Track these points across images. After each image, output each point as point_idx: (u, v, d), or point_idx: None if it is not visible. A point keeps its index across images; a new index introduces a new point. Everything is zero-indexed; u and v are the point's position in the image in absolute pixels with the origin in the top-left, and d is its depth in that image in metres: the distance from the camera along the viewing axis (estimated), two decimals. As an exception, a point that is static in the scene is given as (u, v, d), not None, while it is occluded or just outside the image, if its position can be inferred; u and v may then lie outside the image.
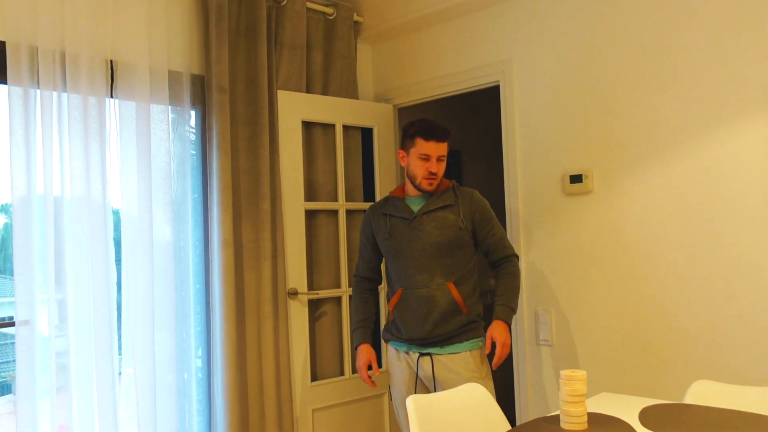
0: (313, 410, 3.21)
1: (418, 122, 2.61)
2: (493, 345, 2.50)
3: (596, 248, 2.88)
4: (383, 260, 2.80)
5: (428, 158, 2.56)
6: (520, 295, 3.10)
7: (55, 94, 2.49)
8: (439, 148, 2.56)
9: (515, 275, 2.61)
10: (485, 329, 2.62)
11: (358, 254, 2.85)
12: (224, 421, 2.86)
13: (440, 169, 2.59)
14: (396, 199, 2.68)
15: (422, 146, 2.55)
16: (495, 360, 2.46)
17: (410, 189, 2.67)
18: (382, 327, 3.54)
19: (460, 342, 2.55)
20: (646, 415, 1.88)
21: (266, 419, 3.01)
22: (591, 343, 2.90)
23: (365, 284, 2.83)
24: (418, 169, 2.57)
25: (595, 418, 1.85)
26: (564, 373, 1.67)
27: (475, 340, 2.58)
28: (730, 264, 2.50)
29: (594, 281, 2.89)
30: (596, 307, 2.88)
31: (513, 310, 2.55)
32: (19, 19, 2.42)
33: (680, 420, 1.80)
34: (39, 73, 2.44)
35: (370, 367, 2.74)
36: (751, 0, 2.44)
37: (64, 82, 2.52)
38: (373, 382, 2.73)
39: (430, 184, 2.58)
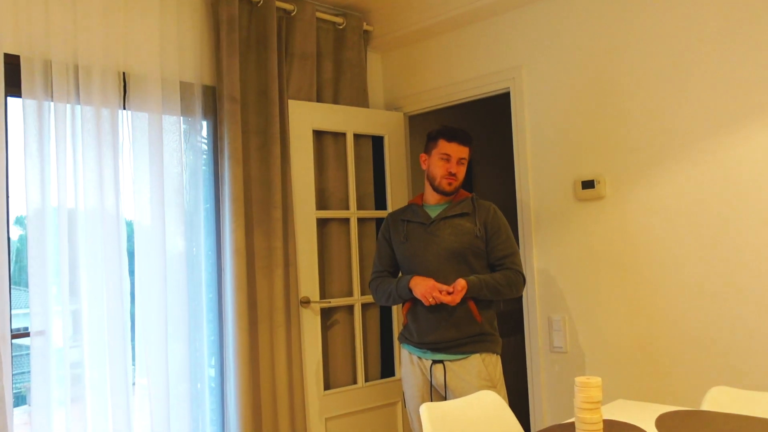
0: (326, 419, 3.21)
1: (443, 126, 2.69)
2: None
3: (609, 254, 2.86)
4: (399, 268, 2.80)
5: (449, 158, 2.61)
6: (534, 303, 3.10)
7: (68, 106, 2.52)
8: (460, 151, 2.62)
9: (510, 280, 2.54)
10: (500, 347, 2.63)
11: (376, 260, 2.81)
12: (237, 430, 2.86)
13: (459, 171, 2.63)
14: (415, 205, 2.72)
15: (444, 146, 2.62)
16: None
17: (429, 196, 2.69)
18: (398, 333, 3.54)
19: (473, 352, 2.54)
20: (662, 422, 1.86)
21: (279, 428, 3.00)
22: (606, 349, 2.88)
23: (385, 274, 2.77)
24: (439, 169, 2.62)
25: (611, 425, 1.83)
26: (579, 379, 1.66)
27: (489, 353, 2.57)
28: (744, 270, 2.48)
29: (608, 287, 2.87)
30: (610, 313, 2.86)
31: (482, 289, 2.48)
32: (32, 33, 2.45)
33: (697, 427, 1.78)
34: (53, 85, 2.47)
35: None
36: (764, 5, 2.43)
37: (78, 95, 2.54)
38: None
39: (450, 184, 2.61)
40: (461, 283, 2.44)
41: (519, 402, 3.47)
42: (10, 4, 2.43)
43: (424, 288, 2.50)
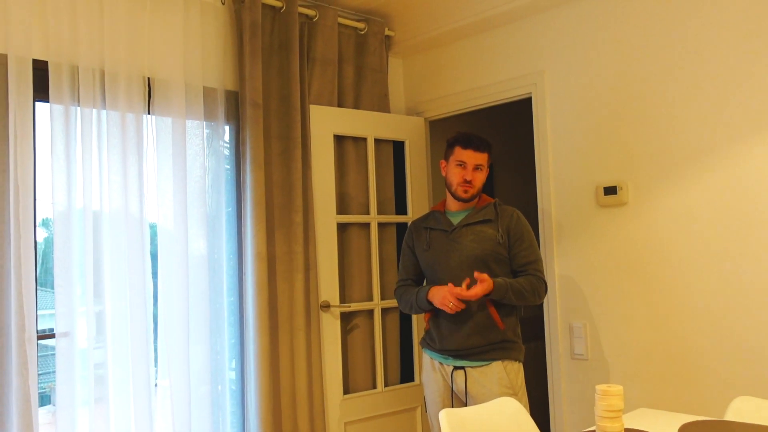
0: (346, 423, 3.21)
1: (460, 133, 2.68)
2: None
3: (631, 261, 2.83)
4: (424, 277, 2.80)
5: (464, 165, 2.60)
6: (555, 310, 3.08)
7: (94, 111, 2.56)
8: (476, 157, 2.60)
9: (534, 287, 2.52)
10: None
11: (401, 269, 2.82)
12: (257, 433, 2.88)
13: (476, 178, 2.61)
14: (437, 213, 2.72)
15: (460, 153, 2.61)
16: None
17: (451, 203, 2.69)
18: (418, 338, 3.54)
19: (494, 359, 2.54)
20: (685, 432, 1.84)
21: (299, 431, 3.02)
22: (627, 357, 2.85)
23: (409, 282, 2.79)
24: (455, 176, 2.62)
25: (632, 434, 1.81)
26: (600, 387, 1.65)
27: (511, 361, 2.55)
28: (771, 277, 2.44)
29: (629, 294, 2.84)
30: (632, 320, 2.83)
31: (507, 292, 2.46)
32: (60, 39, 2.50)
33: (721, 437, 1.76)
34: (79, 91, 2.52)
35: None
36: (790, 7, 2.40)
37: (103, 100, 2.59)
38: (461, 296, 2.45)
39: (465, 191, 2.60)
40: (486, 275, 2.40)
41: (540, 409, 3.45)
42: (39, 11, 2.48)
43: (441, 297, 2.49)
